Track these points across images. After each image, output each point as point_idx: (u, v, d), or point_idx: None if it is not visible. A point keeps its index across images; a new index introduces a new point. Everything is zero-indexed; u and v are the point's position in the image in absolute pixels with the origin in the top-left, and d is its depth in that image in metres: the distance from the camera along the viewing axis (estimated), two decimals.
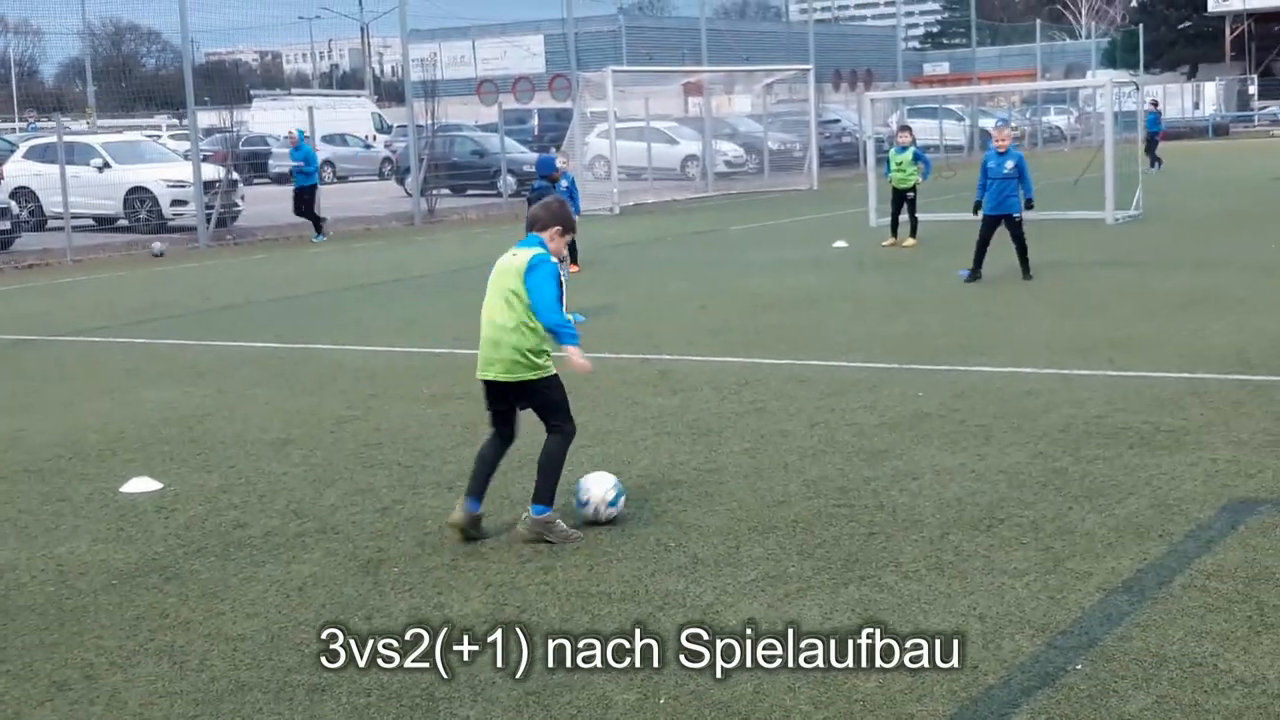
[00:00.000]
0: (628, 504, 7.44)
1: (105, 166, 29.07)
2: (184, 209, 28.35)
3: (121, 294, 19.53)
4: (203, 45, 67.20)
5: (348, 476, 8.61)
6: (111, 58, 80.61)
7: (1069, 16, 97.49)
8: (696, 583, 6.38)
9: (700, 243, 24.11)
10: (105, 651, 5.84)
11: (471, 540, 7.10)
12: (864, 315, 14.36)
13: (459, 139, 38.90)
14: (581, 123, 34.53)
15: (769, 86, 42.47)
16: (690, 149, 40.61)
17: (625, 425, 9.65)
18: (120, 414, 10.75)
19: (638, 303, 16.14)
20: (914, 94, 51.80)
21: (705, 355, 12.31)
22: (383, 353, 13.24)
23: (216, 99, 46.66)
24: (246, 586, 6.60)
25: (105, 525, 7.71)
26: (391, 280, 20.00)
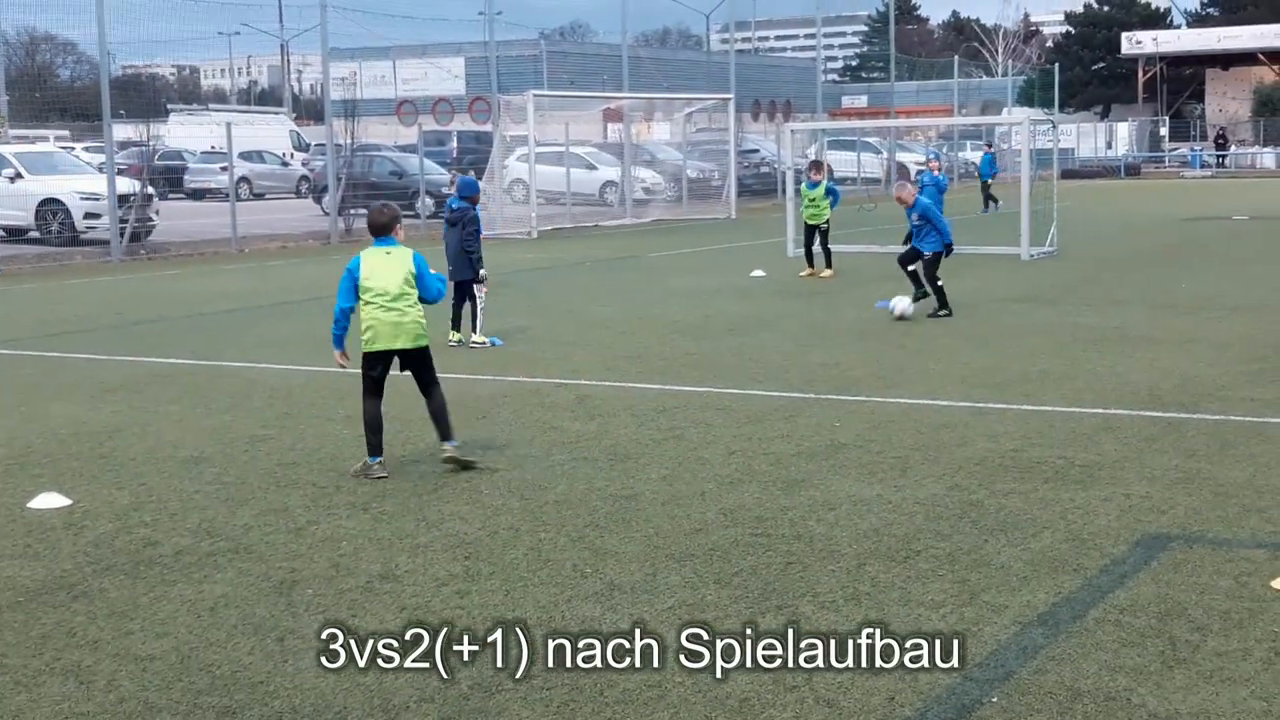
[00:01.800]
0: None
1: (17, 176, 28.58)
2: (97, 222, 27.93)
3: (31, 307, 19.18)
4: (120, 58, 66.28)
5: (261, 496, 8.49)
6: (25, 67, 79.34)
7: (985, 54, 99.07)
8: (613, 609, 6.35)
9: (618, 268, 24.14)
10: (9, 670, 5.70)
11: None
12: (782, 344, 14.43)
13: (378, 159, 38.66)
14: (501, 146, 34.49)
15: (689, 115, 42.68)
16: (609, 175, 40.69)
17: (542, 449, 9.62)
18: (27, 428, 10.54)
19: (556, 327, 16.10)
20: (834, 126, 52.27)
21: (623, 381, 12.31)
22: (298, 371, 13.09)
23: (133, 112, 46.07)
24: (157, 606, 6.48)
25: (11, 542, 7.54)
26: (307, 298, 19.81)
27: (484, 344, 14.48)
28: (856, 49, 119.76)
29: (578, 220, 35.93)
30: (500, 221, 32.67)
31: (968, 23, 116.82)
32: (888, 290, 18.93)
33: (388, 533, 7.65)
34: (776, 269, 22.45)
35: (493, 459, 9.33)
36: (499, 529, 7.68)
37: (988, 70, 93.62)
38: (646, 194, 40.88)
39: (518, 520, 7.85)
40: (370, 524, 7.83)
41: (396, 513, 8.05)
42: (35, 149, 33.62)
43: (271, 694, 5.44)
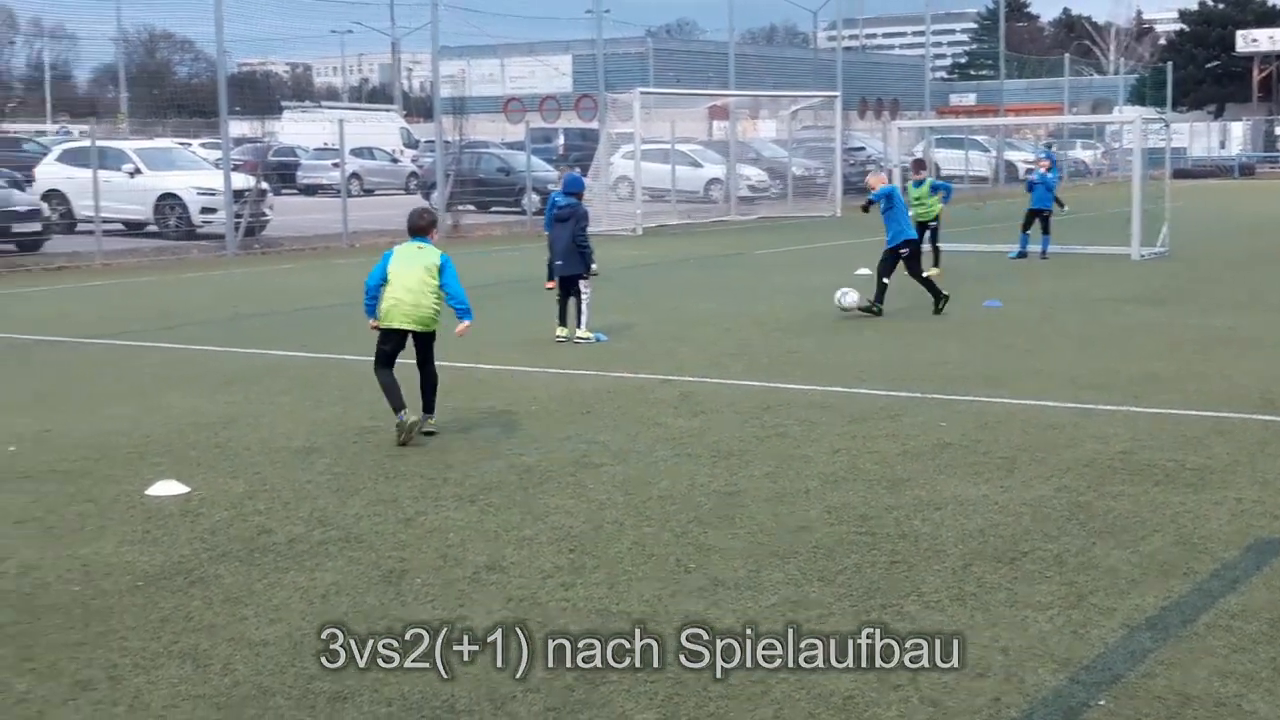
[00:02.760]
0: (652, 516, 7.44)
1: (137, 172, 29.21)
2: (213, 217, 28.45)
3: (149, 299, 19.60)
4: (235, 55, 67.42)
5: (371, 486, 8.62)
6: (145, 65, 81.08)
7: (1096, 52, 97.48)
8: (717, 605, 6.37)
9: (723, 266, 24.11)
10: (130, 653, 5.85)
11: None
12: (886, 343, 14.34)
13: (485, 156, 39.00)
14: (607, 143, 34.60)
15: (795, 112, 42.50)
16: (714, 172, 40.65)
17: (646, 445, 9.65)
18: (147, 418, 10.79)
19: (659, 324, 16.14)
20: (941, 124, 51.77)
21: (727, 378, 12.31)
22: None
23: (248, 109, 46.94)
24: (270, 592, 6.61)
25: (131, 527, 7.73)
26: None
27: (588, 340, 14.54)
28: (965, 46, 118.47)
29: (682, 217, 35.94)
30: (605, 218, 32.76)
31: (1079, 20, 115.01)
32: (994, 290, 18.76)
33: (494, 525, 7.73)
34: None
35: (597, 454, 9.38)
36: (603, 523, 7.72)
37: (1099, 68, 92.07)
38: (751, 191, 40.78)
39: (622, 515, 7.89)
40: (477, 516, 7.91)
41: (503, 505, 8.13)
42: (154, 145, 34.31)
43: (381, 681, 5.52)
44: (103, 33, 69.69)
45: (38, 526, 7.76)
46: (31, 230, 25.53)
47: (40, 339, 15.32)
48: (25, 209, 25.79)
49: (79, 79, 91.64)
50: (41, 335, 15.58)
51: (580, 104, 51.82)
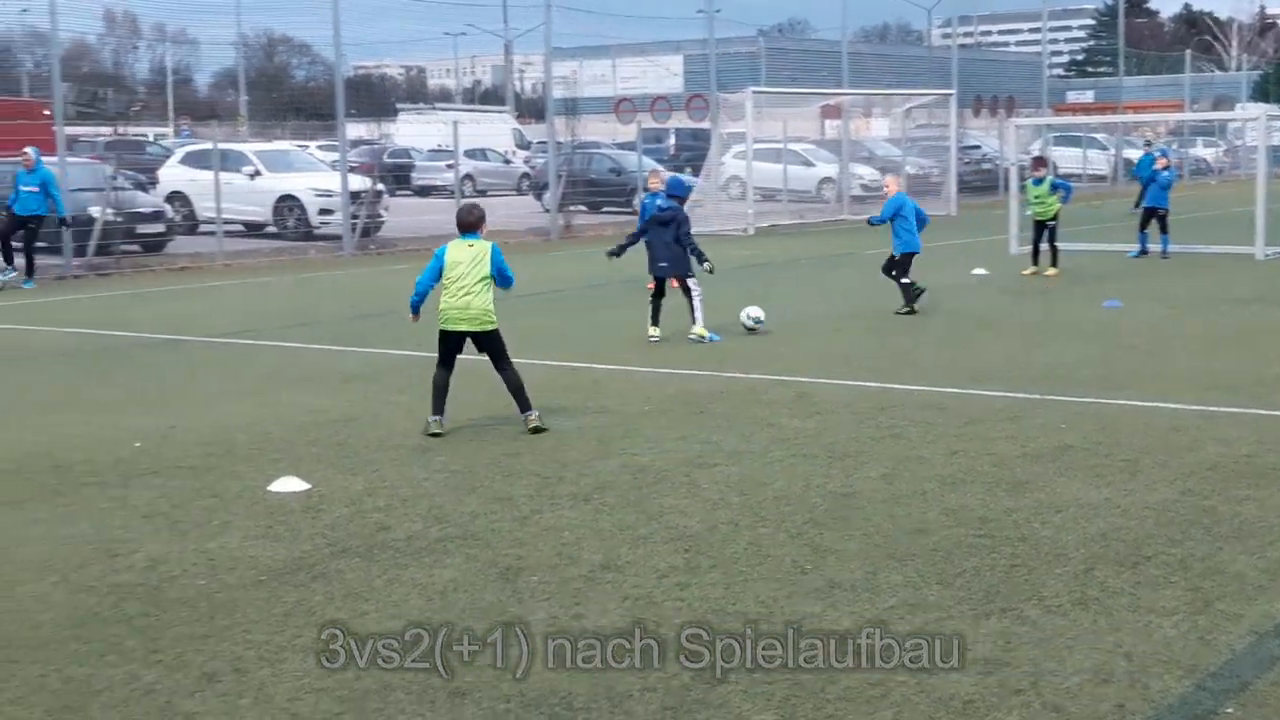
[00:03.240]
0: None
1: (256, 174, 29.78)
2: (330, 218, 28.90)
3: (269, 299, 19.96)
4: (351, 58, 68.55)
5: (487, 484, 8.69)
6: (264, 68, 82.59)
7: (1218, 48, 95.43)
8: (834, 607, 6.33)
9: (835, 265, 23.98)
10: (254, 646, 5.96)
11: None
12: (1004, 344, 14.16)
13: (597, 156, 39.17)
14: (719, 143, 34.56)
15: (908, 111, 42.13)
16: (826, 171, 40.43)
17: (761, 446, 9.63)
18: (268, 415, 10.99)
19: (772, 324, 16.07)
20: (1059, 121, 51.00)
21: (841, 378, 12.23)
22: (519, 365, 13.30)
23: (363, 111, 47.61)
24: (390, 588, 6.70)
25: (254, 523, 7.87)
26: (528, 294, 20.13)
27: (703, 338, 14.54)
28: (1082, 43, 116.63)
29: (794, 217, 35.80)
30: (716, 219, 32.75)
31: (1200, 16, 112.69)
32: (1114, 290, 18.46)
33: (609, 524, 7.76)
34: (998, 267, 22.02)
35: (711, 454, 9.38)
36: (718, 523, 7.72)
37: (1220, 65, 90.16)
38: (864, 190, 40.49)
39: (737, 515, 7.88)
40: (592, 515, 7.95)
41: (617, 505, 8.16)
42: (273, 147, 34.96)
43: (500, 677, 5.57)
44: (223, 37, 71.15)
45: (164, 521, 7.94)
46: (155, 231, 26.14)
47: (165, 338, 15.67)
48: (149, 210, 26.42)
49: (199, 83, 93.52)
50: (166, 334, 15.93)
51: (691, 104, 51.81)
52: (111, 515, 8.06)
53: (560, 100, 37.19)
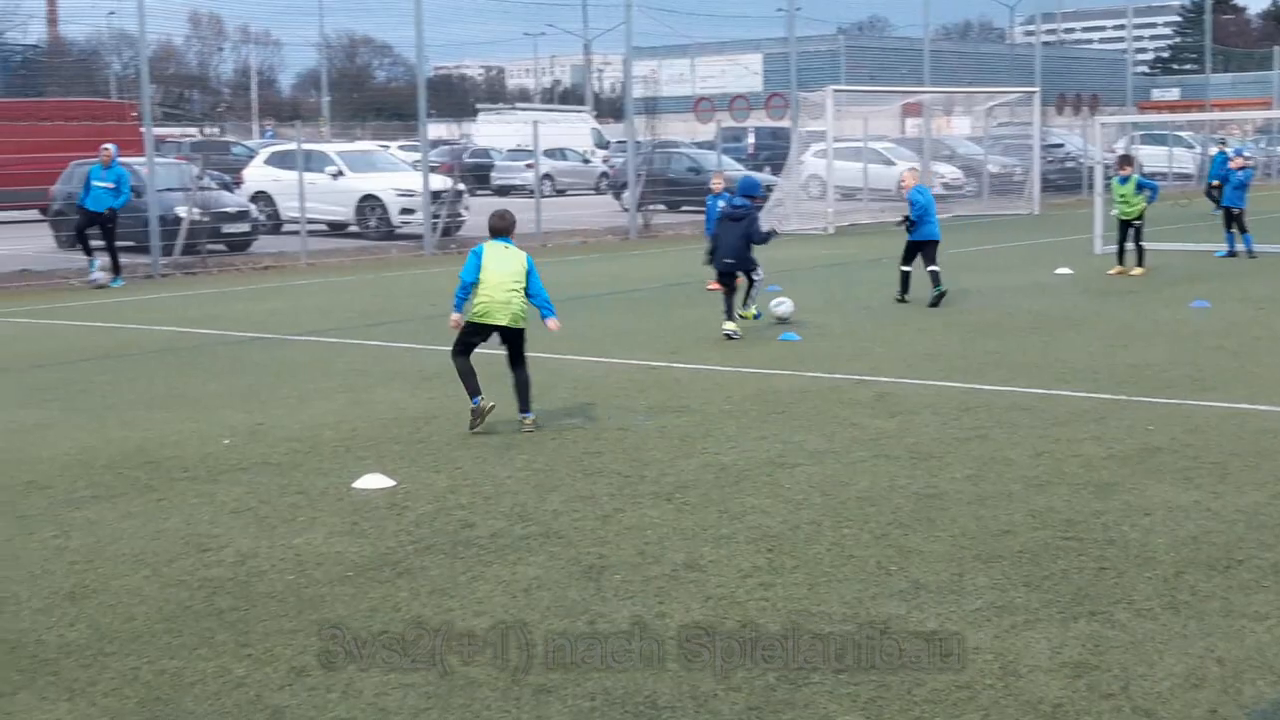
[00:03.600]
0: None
1: (339, 174, 30.07)
2: (412, 217, 29.13)
3: (352, 298, 20.15)
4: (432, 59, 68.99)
5: (569, 483, 8.73)
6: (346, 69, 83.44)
7: None
8: (919, 608, 6.30)
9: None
10: (341, 641, 6.02)
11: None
12: (1089, 344, 13.99)
13: (676, 155, 39.15)
14: (798, 142, 34.44)
15: (990, 109, 41.74)
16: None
17: (843, 446, 9.58)
18: (352, 412, 11.10)
19: (852, 323, 16.02)
20: (1145, 119, 50.31)
21: (923, 379, 12.15)
22: (599, 363, 13.40)
23: (443, 111, 47.96)
24: (474, 585, 6.74)
25: (340, 519, 7.96)
26: (608, 292, 20.23)
27: (752, 316, 14.83)
28: (1168, 40, 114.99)
29: (874, 215, 35.58)
30: (796, 217, 32.65)
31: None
32: (1201, 290, 18.20)
33: (691, 523, 7.76)
34: (1083, 266, 21.76)
35: (793, 454, 9.35)
36: (801, 523, 7.70)
37: None
38: (946, 189, 40.18)
39: (819, 515, 7.85)
40: (674, 514, 7.96)
41: (699, 504, 8.16)
42: (355, 147, 35.29)
43: (584, 675, 5.59)
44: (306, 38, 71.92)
45: (252, 517, 8.05)
46: (240, 231, 26.47)
47: (252, 336, 15.87)
48: (235, 210, 26.76)
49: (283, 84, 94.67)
50: (251, 333, 16.13)
51: (771, 102, 51.70)
52: (201, 510, 8.18)
53: (639, 99, 37.23)
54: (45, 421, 10.90)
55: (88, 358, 14.44)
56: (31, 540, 7.62)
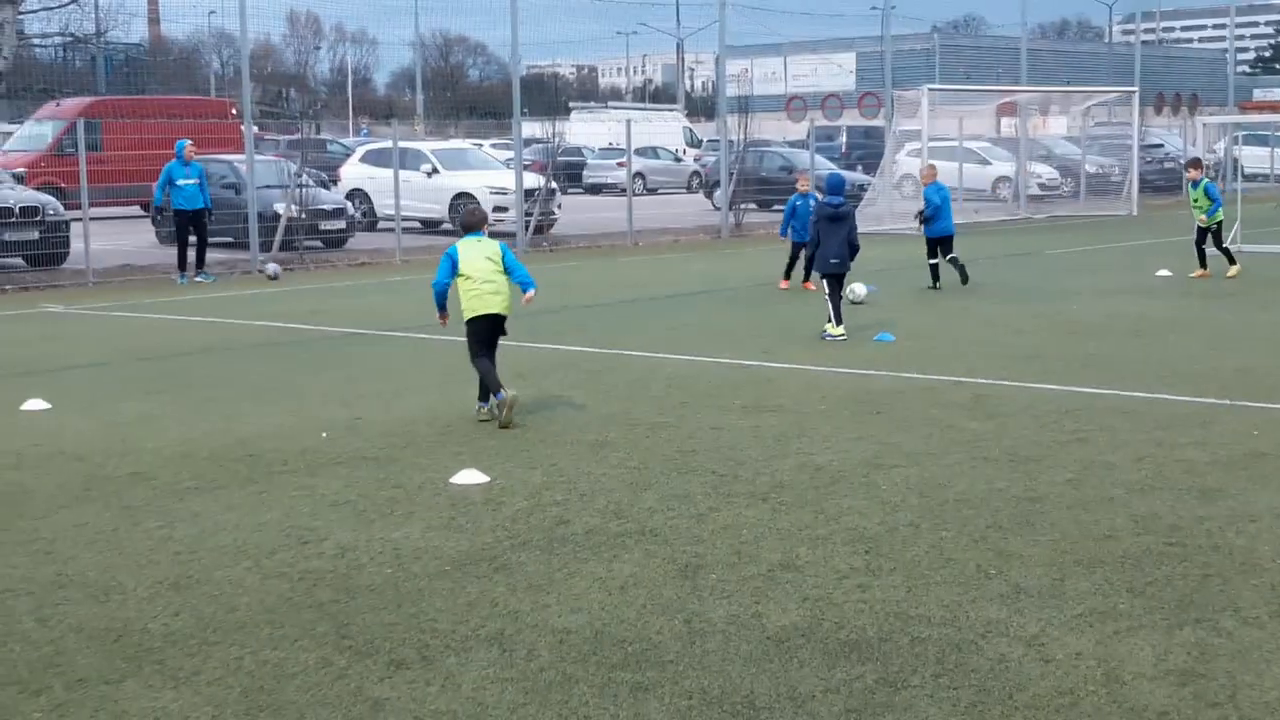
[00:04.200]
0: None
1: (434, 172, 30.32)
2: (504, 215, 29.29)
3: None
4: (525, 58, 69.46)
5: (664, 481, 8.72)
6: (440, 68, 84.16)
7: None
8: (1019, 613, 6.22)
9: (1013, 265, 23.54)
10: (440, 634, 6.07)
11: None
12: (1191, 347, 13.76)
13: (768, 154, 39.03)
14: (892, 141, 34.19)
15: (1088, 109, 41.18)
16: (1003, 170, 39.73)
17: (939, 448, 9.50)
18: (447, 408, 11.18)
19: (949, 324, 15.87)
20: (1248, 119, 49.35)
21: (1021, 380, 12.00)
22: (693, 361, 13.38)
23: (535, 110, 48.21)
24: (570, 581, 6.76)
25: (437, 514, 8.02)
26: (700, 291, 20.21)
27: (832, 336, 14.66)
28: (1270, 39, 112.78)
29: (969, 216, 35.24)
30: (889, 217, 32.41)
31: None
32: None
33: (787, 523, 7.73)
34: (1184, 269, 21.37)
35: (889, 455, 9.28)
36: (898, 525, 7.64)
37: None
38: (1042, 190, 39.73)
39: (917, 517, 7.78)
40: (769, 514, 7.93)
41: (795, 504, 8.12)
42: (450, 145, 35.55)
43: (681, 674, 5.59)
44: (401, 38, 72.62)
45: (351, 510, 8.13)
46: (337, 228, 26.77)
47: (349, 331, 16.04)
48: (331, 207, 27.05)
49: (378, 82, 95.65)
50: (347, 328, 16.30)
51: (864, 101, 51.43)
52: (301, 503, 8.28)
53: (732, 98, 37.17)
54: (149, 414, 11.09)
55: (189, 351, 14.68)
56: (137, 530, 7.76)
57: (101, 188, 25.81)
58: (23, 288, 21.13)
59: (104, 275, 22.31)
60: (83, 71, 50.31)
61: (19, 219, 22.32)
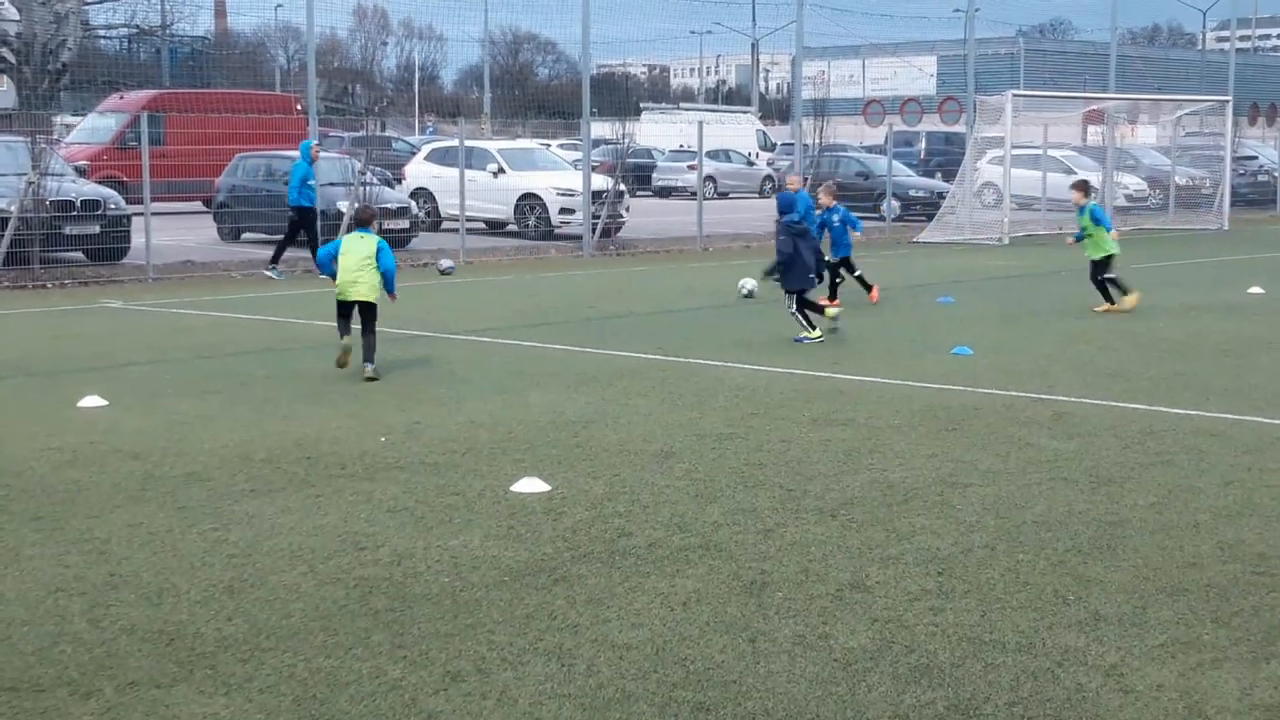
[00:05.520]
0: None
1: (500, 172, 30.44)
2: (571, 217, 29.38)
3: (510, 297, 20.38)
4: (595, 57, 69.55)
5: (729, 494, 8.70)
6: (508, 66, 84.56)
7: None
8: (1099, 641, 6.14)
9: None
10: (497, 647, 6.08)
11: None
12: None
13: (844, 159, 38.91)
14: (973, 148, 33.97)
15: (1179, 118, 40.71)
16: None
17: (1018, 466, 9.41)
18: (508, 414, 11.21)
19: (1029, 339, 15.73)
20: None
21: (1105, 399, 11.87)
22: (762, 371, 13.34)
23: (605, 110, 48.30)
24: (632, 596, 6.75)
25: (496, 522, 8.04)
26: (771, 300, 20.14)
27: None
28: None
29: (1052, 227, 34.93)
30: (969, 227, 32.21)
31: None
32: None
33: (857, 541, 7.68)
34: (1277, 285, 21.08)
35: (964, 473, 9.20)
36: (973, 546, 7.57)
37: None
38: (1129, 201, 39.32)
39: (993, 539, 7.71)
40: (839, 531, 7.88)
41: (865, 522, 8.07)
42: (517, 145, 35.69)
43: (744, 694, 5.56)
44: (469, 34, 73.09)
45: (408, 516, 8.17)
46: (400, 228, 26.86)
47: (409, 333, 16.12)
48: (395, 206, 27.13)
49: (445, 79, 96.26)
50: (409, 331, 16.39)
51: (944, 106, 51.15)
52: (358, 508, 8.33)
53: (808, 101, 37.07)
54: (206, 414, 11.20)
55: (248, 350, 14.83)
56: (191, 532, 7.83)
57: (163, 182, 26.15)
58: (82, 282, 21.45)
59: (164, 271, 22.60)
60: (147, 64, 50.93)
61: (80, 212, 22.65)
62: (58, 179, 22.33)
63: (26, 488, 8.81)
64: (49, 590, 6.83)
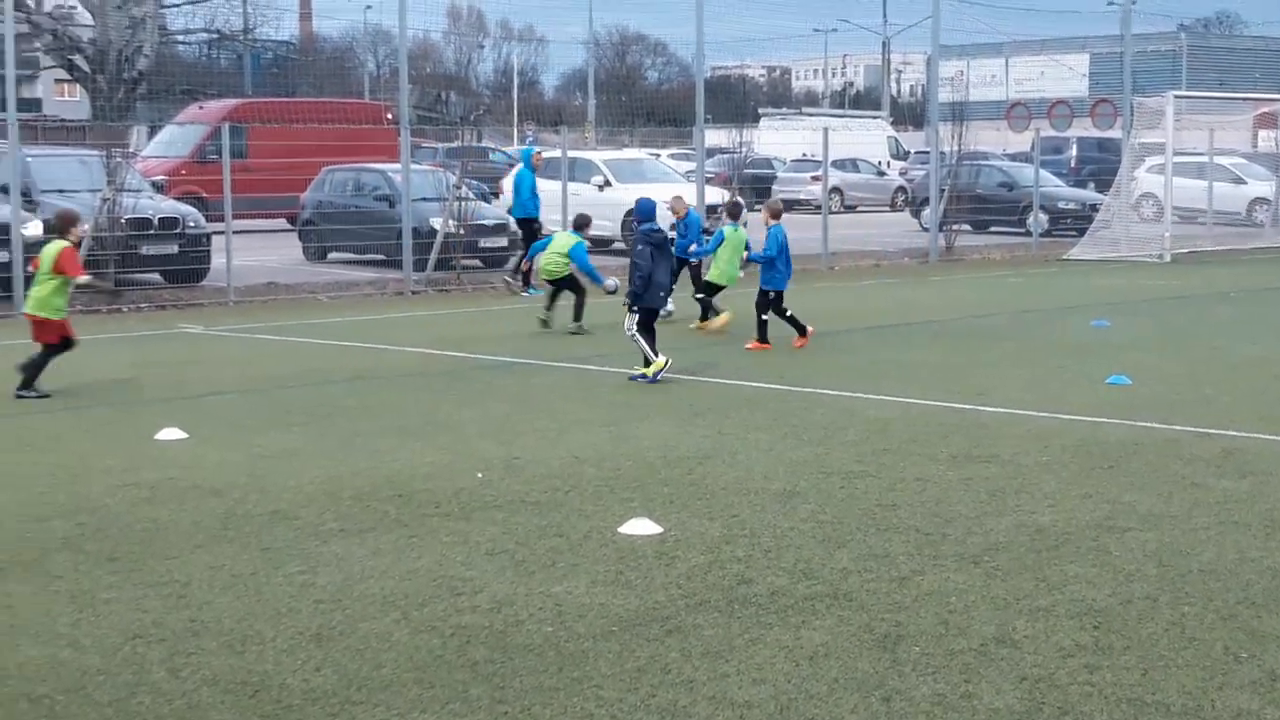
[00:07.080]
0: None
1: (606, 185, 30.59)
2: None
3: (619, 321, 20.43)
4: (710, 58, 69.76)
5: (860, 538, 8.67)
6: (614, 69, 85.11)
7: None
8: (1274, 704, 6.04)
9: (1274, 301, 22.90)
10: (605, 703, 6.11)
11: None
12: None
13: (985, 169, 38.61)
14: (1130, 155, 33.57)
15: None
16: (1260, 190, 38.74)
17: (1182, 509, 9.28)
18: (615, 448, 11.27)
19: (1195, 367, 15.51)
20: None
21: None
22: (894, 403, 13.29)
23: (720, 116, 48.42)
24: (752, 649, 6.75)
25: (604, 567, 8.08)
26: (902, 323, 20.07)
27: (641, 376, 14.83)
28: None
29: (1219, 242, 34.40)
30: (1125, 242, 31.83)
31: None
32: None
33: (1002, 591, 7.62)
34: None
35: (1123, 516, 9.09)
36: (1133, 598, 7.48)
37: None
38: None
39: (1155, 589, 7.61)
40: (982, 579, 7.83)
41: (1012, 569, 8.01)
42: (623, 155, 35.86)
43: None
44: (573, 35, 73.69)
45: (508, 559, 8.24)
46: (498, 245, 27.02)
47: (507, 360, 16.26)
48: (493, 223, 27.22)
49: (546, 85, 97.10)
50: (508, 356, 16.52)
51: (1097, 109, 50.56)
52: (454, 550, 8.42)
53: (945, 104, 36.89)
54: (291, 447, 11.39)
55: (335, 379, 15.05)
56: (277, 575, 7.97)
57: (245, 198, 26.59)
58: (159, 306, 21.90)
59: (246, 294, 22.99)
60: (229, 71, 52.05)
61: (158, 231, 23.14)
62: (134, 195, 22.83)
63: (102, 526, 9.02)
64: (126, 637, 6.99)
